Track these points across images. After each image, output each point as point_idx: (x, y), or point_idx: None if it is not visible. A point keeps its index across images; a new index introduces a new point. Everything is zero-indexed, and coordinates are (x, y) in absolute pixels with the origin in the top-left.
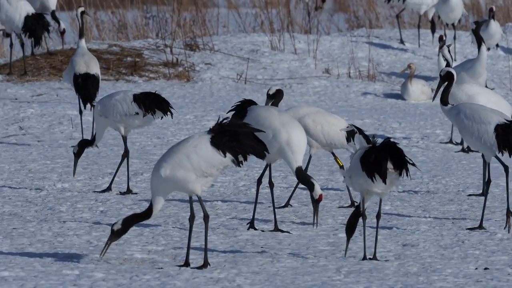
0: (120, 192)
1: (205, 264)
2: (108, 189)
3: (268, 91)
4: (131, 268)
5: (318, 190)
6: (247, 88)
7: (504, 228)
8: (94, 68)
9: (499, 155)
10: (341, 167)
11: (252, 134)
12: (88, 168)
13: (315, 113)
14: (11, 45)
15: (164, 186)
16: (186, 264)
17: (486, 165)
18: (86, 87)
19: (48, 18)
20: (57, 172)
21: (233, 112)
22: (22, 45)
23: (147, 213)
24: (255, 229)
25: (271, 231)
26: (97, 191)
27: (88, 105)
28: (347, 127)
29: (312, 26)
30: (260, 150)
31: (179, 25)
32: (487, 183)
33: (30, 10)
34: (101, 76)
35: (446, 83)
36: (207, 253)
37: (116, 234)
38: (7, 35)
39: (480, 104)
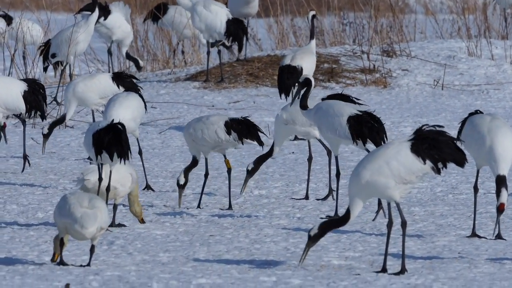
0: (316, 199)
1: (403, 270)
2: (306, 197)
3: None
4: (328, 275)
5: (501, 199)
6: (444, 94)
7: None
8: (299, 60)
9: (354, 145)
10: (229, 169)
11: (452, 142)
12: (285, 174)
13: (196, 121)
14: (208, 52)
15: (363, 192)
16: (384, 270)
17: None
18: (282, 78)
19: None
20: (254, 179)
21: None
22: (219, 52)
23: (345, 219)
24: (479, 237)
25: (468, 236)
26: (294, 198)
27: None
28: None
29: (509, 32)
30: (460, 158)
31: (376, 31)
32: None
33: (229, 15)
34: None
35: (305, 89)
36: (405, 259)
37: (313, 239)
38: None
39: (336, 100)
